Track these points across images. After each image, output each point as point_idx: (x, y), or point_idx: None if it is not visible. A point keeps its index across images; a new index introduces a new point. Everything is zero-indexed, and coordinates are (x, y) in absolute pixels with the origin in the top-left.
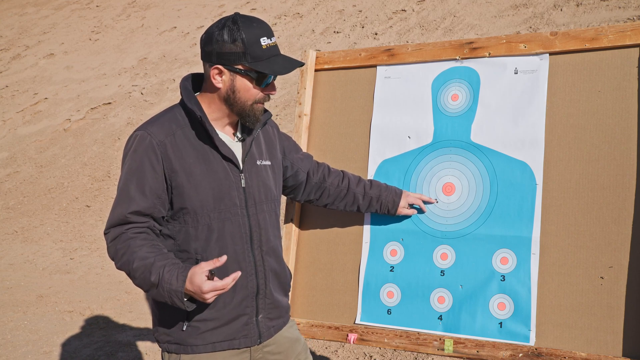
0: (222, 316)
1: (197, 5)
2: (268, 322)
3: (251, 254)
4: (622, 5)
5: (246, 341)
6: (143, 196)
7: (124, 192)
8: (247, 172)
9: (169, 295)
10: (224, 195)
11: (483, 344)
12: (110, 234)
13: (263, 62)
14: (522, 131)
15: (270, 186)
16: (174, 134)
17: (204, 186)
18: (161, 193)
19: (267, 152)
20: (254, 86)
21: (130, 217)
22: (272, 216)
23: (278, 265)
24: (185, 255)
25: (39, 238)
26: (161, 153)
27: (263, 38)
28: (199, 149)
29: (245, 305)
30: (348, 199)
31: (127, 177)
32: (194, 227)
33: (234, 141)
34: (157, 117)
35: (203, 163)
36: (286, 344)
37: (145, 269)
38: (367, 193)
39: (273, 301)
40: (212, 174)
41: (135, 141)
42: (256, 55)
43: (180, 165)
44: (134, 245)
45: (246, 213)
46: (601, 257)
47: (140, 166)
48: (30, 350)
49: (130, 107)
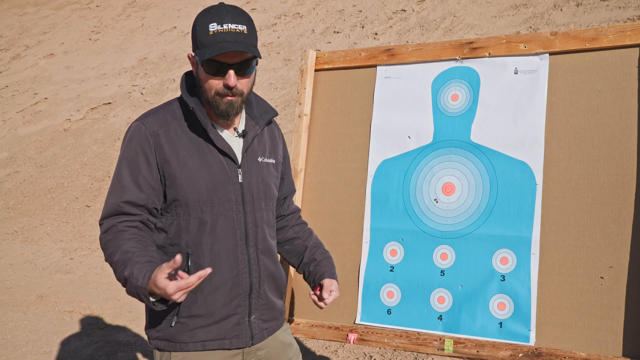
0: (212, 314)
1: (197, 5)
2: (261, 324)
3: (246, 252)
4: (622, 5)
5: (238, 342)
6: (136, 186)
7: (117, 182)
8: (245, 167)
9: (137, 291)
10: (217, 189)
11: (483, 344)
12: (104, 225)
13: (206, 49)
14: (522, 131)
15: (270, 184)
16: (168, 125)
17: (197, 178)
18: (154, 184)
19: (271, 150)
20: (209, 75)
21: (123, 207)
22: (269, 215)
23: (274, 266)
24: (177, 249)
25: (39, 238)
26: (154, 143)
27: (212, 24)
28: (194, 141)
29: (237, 304)
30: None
31: (120, 167)
32: (186, 220)
33: (233, 136)
34: (155, 109)
35: (198, 155)
36: (279, 347)
37: (122, 263)
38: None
39: (267, 302)
40: (206, 167)
41: (131, 131)
42: (203, 41)
43: (174, 156)
44: (121, 238)
45: (242, 209)
46: (601, 257)
47: (134, 156)
48: (30, 350)
49: (130, 107)
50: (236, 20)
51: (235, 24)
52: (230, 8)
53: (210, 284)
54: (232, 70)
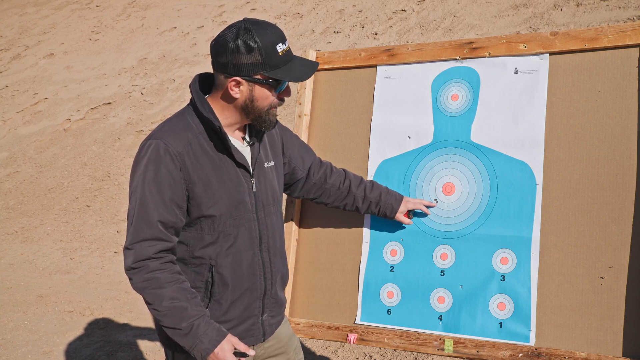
0: (234, 318)
1: (197, 5)
2: (270, 320)
3: (260, 257)
4: (622, 5)
5: (252, 340)
6: (165, 207)
7: (144, 207)
8: (256, 176)
9: (194, 348)
10: (239, 203)
11: (483, 344)
12: (134, 253)
13: (281, 69)
14: (522, 131)
15: (275, 188)
16: (190, 143)
17: (221, 194)
18: (182, 203)
19: (271, 151)
20: (272, 93)
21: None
22: (278, 217)
23: (283, 266)
24: (199, 261)
25: (39, 238)
26: (180, 164)
27: (279, 45)
28: (214, 157)
29: (254, 307)
30: (348, 200)
31: (145, 189)
32: (210, 234)
33: (243, 146)
34: (170, 125)
35: (219, 171)
36: (285, 339)
37: (176, 312)
38: (367, 196)
39: (276, 300)
40: (227, 182)
41: (151, 150)
42: (274, 63)
43: (198, 176)
44: (163, 279)
45: (256, 217)
46: (601, 257)
47: (158, 176)
48: (30, 350)
49: (130, 107)
50: (285, 37)
51: (286, 41)
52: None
53: (233, 293)
54: None
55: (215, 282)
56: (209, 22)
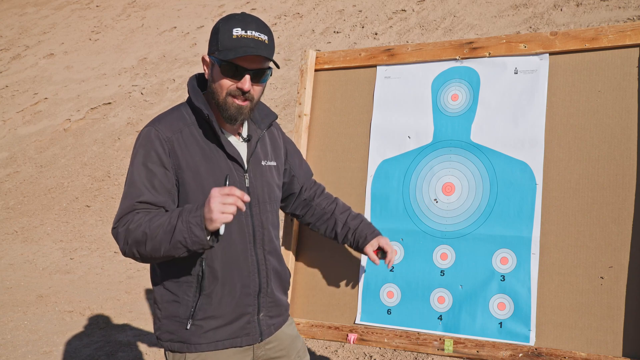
0: (226, 315)
1: (197, 5)
2: (268, 320)
3: (254, 253)
4: (622, 5)
5: (248, 339)
6: (153, 189)
7: (131, 185)
8: (251, 172)
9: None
10: None
11: (483, 344)
12: (120, 223)
13: (228, 51)
14: (522, 131)
15: (273, 186)
16: (180, 131)
17: (210, 184)
18: (171, 188)
19: (273, 152)
20: (225, 77)
21: (137, 206)
22: (274, 216)
23: (279, 265)
24: (189, 254)
25: (39, 238)
26: (169, 149)
27: (236, 29)
28: (204, 147)
29: (247, 303)
30: (329, 223)
31: (134, 171)
32: None
33: (239, 141)
34: (164, 115)
35: (208, 161)
36: (287, 340)
37: (164, 221)
38: (347, 223)
39: (274, 300)
40: (216, 173)
41: (143, 136)
42: (225, 44)
43: (187, 163)
44: (149, 215)
45: (250, 212)
46: (601, 257)
47: (149, 160)
48: (30, 350)
49: (130, 107)
50: (260, 29)
51: (258, 33)
52: (255, 18)
53: (223, 287)
54: (248, 75)
55: (206, 275)
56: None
